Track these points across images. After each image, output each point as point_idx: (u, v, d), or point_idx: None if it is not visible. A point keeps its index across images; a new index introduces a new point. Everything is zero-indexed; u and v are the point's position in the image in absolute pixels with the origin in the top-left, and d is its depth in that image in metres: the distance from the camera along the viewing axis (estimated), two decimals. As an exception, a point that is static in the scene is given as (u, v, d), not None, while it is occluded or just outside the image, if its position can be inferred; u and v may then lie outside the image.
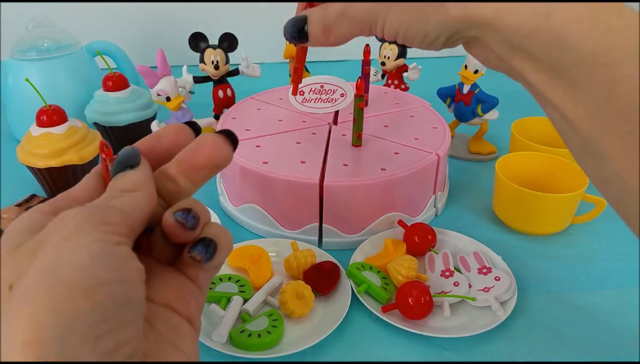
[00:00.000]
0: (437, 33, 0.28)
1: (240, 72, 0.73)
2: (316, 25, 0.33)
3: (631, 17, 0.23)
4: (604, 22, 0.23)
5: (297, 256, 0.47)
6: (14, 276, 0.18)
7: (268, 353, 0.40)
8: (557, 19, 0.24)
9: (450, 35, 0.28)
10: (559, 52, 0.24)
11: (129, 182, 0.22)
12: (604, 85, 0.23)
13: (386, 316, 0.43)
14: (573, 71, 0.24)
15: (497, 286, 0.45)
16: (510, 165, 0.58)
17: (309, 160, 0.54)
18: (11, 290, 0.18)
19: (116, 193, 0.21)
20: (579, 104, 0.25)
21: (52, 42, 0.74)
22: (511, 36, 0.25)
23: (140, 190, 0.21)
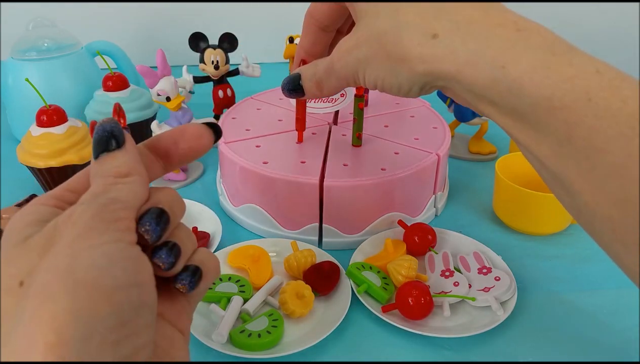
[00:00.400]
0: (409, 85, 0.31)
1: (240, 72, 0.73)
2: (309, 81, 0.38)
3: (581, 65, 0.25)
4: (555, 71, 0.25)
5: (297, 256, 0.47)
6: (24, 272, 0.17)
7: (268, 353, 0.40)
8: (512, 70, 0.26)
9: (422, 86, 0.31)
10: (517, 100, 0.26)
11: (122, 166, 0.21)
12: (562, 127, 0.25)
13: (386, 316, 0.43)
14: (532, 115, 0.26)
15: (497, 286, 0.45)
16: (510, 165, 0.58)
17: (309, 160, 0.54)
18: (22, 286, 0.17)
19: (111, 180, 0.20)
20: (542, 144, 0.26)
21: (52, 42, 0.74)
22: (472, 87, 0.27)
23: (134, 174, 0.21)
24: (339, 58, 0.34)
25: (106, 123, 0.21)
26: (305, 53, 0.41)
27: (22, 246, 0.18)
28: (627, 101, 0.23)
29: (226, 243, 0.52)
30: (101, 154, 0.21)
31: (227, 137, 0.59)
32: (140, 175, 0.21)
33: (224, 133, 0.59)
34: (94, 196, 0.20)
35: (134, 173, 0.21)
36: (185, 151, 0.24)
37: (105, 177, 0.21)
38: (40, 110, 0.57)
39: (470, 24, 0.27)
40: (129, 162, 0.21)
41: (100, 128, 0.21)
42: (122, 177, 0.20)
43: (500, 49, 0.26)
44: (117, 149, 0.21)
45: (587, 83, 0.24)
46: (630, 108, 0.23)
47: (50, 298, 0.16)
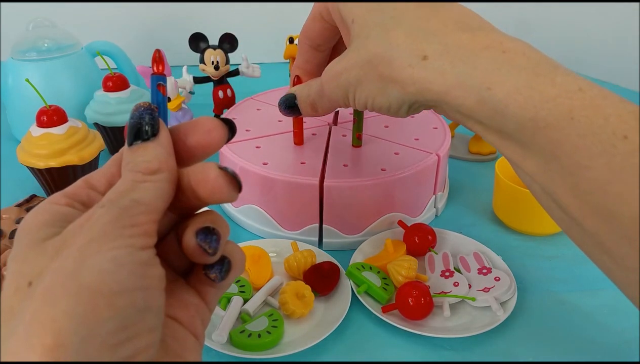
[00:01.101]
0: (398, 104, 0.32)
1: (240, 73, 0.73)
2: (304, 103, 0.40)
3: (564, 84, 0.26)
4: (539, 91, 0.26)
5: (297, 257, 0.47)
6: (35, 273, 0.18)
7: (268, 353, 0.40)
8: (498, 92, 0.27)
9: (411, 105, 0.32)
10: (502, 120, 0.27)
11: (152, 161, 0.20)
12: (547, 145, 0.26)
13: (386, 317, 0.43)
14: (518, 135, 0.27)
15: (497, 286, 0.45)
16: (511, 166, 0.57)
17: (309, 160, 0.54)
18: (30, 287, 0.17)
19: (139, 177, 0.20)
20: (529, 161, 0.28)
21: (52, 42, 0.74)
22: (460, 108, 0.29)
23: (163, 170, 0.20)
24: (327, 81, 0.35)
25: (142, 109, 0.21)
26: (300, 71, 0.42)
27: (39, 248, 0.18)
28: (609, 119, 0.24)
29: (226, 243, 0.52)
30: (134, 142, 0.21)
31: (227, 137, 0.59)
32: (169, 172, 0.21)
33: (224, 133, 0.59)
34: (118, 196, 0.19)
35: (163, 169, 0.20)
36: (194, 146, 0.22)
37: (133, 172, 0.20)
38: (41, 110, 0.57)
39: (459, 47, 0.29)
40: (161, 156, 0.20)
41: (136, 114, 0.21)
42: (151, 173, 0.20)
43: (487, 71, 0.27)
44: (150, 139, 0.20)
45: (570, 103, 0.25)
46: (612, 126, 0.24)
47: (52, 300, 0.16)
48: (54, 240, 0.19)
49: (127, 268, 0.18)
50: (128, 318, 0.17)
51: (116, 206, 0.19)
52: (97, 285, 0.17)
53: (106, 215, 0.18)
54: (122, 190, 0.20)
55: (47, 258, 0.18)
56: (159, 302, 0.19)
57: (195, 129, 0.22)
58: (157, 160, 0.20)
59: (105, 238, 0.18)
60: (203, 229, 0.21)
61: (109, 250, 0.17)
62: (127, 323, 0.17)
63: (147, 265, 0.19)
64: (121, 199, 0.19)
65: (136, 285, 0.18)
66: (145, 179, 0.20)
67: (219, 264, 0.22)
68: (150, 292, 0.18)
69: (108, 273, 0.17)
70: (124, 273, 0.17)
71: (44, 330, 0.16)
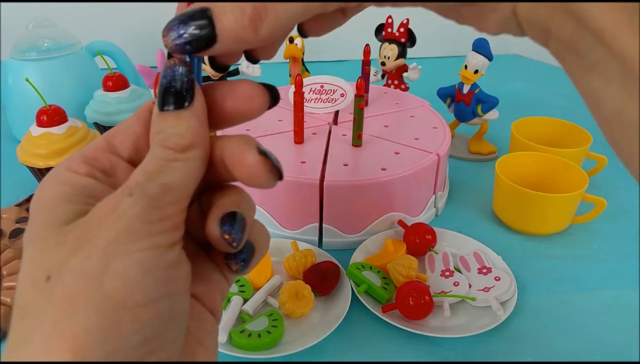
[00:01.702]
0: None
1: (240, 72, 0.73)
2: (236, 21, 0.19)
3: None
4: None
5: (297, 256, 0.47)
6: (54, 266, 0.16)
7: (268, 353, 0.40)
8: None
9: None
10: None
11: (185, 135, 0.18)
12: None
13: (386, 316, 0.43)
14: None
15: (497, 286, 0.45)
16: (510, 165, 0.58)
17: (309, 160, 0.54)
18: (49, 282, 0.16)
19: (170, 154, 0.18)
20: None
21: (52, 42, 0.74)
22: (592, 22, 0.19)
23: (196, 145, 0.18)
24: None
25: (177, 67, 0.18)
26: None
27: (56, 233, 0.17)
28: None
29: (226, 243, 0.52)
30: (166, 107, 0.18)
31: (227, 137, 0.59)
32: (202, 147, 0.18)
33: (224, 133, 0.59)
34: (147, 177, 0.17)
35: (196, 145, 0.18)
36: (232, 111, 0.20)
37: (164, 148, 0.18)
38: (40, 110, 0.57)
39: None
40: (194, 129, 0.18)
41: (169, 73, 0.18)
42: (183, 150, 0.18)
43: None
44: (184, 108, 0.18)
45: None
46: None
47: (73, 311, 0.15)
48: (75, 226, 0.17)
49: (154, 275, 0.16)
50: (153, 330, 0.16)
51: (145, 195, 0.17)
52: (121, 296, 0.16)
53: (134, 206, 0.17)
54: (150, 171, 0.17)
55: (67, 250, 0.16)
56: (184, 308, 0.18)
57: (235, 93, 0.20)
58: (190, 134, 0.18)
59: (132, 235, 0.16)
60: (228, 216, 0.19)
61: (136, 252, 0.16)
62: (152, 335, 0.16)
63: (174, 267, 0.17)
64: (150, 184, 0.17)
65: (162, 294, 0.17)
66: (176, 157, 0.18)
67: (241, 253, 0.20)
68: (175, 299, 0.17)
69: (134, 282, 0.16)
70: (150, 282, 0.16)
71: (64, 345, 0.15)
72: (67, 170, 0.18)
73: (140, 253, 0.16)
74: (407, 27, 0.72)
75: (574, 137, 0.65)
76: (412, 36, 0.72)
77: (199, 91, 0.19)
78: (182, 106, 0.18)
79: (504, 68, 0.88)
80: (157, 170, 0.18)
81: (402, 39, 0.73)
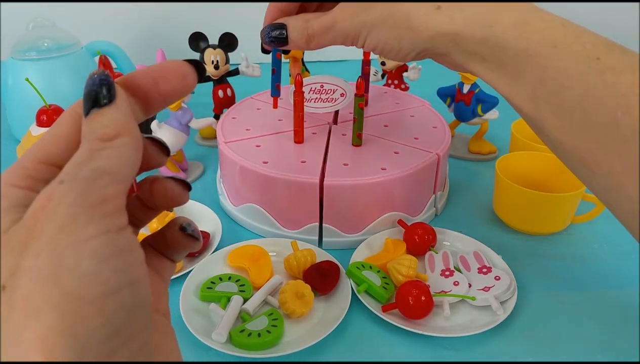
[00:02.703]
0: (408, 50, 0.36)
1: (240, 72, 0.73)
2: (298, 34, 0.40)
3: (550, 21, 0.32)
4: (531, 25, 0.31)
5: (297, 256, 0.47)
6: (6, 274, 0.16)
7: (268, 352, 0.40)
8: (498, 28, 0.32)
9: (420, 52, 0.36)
10: (501, 53, 0.32)
11: (110, 126, 0.18)
12: (536, 72, 0.31)
13: (386, 316, 0.43)
14: (512, 65, 0.32)
15: (497, 285, 0.45)
16: (510, 165, 0.58)
17: (309, 159, 0.54)
18: (5, 291, 0.16)
19: (97, 144, 0.18)
20: (520, 91, 0.33)
21: (52, 42, 0.74)
22: (466, 45, 0.34)
23: (124, 134, 0.19)
24: (343, 18, 0.37)
25: (96, 75, 0.19)
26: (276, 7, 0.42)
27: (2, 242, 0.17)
28: (585, 45, 0.30)
29: (226, 242, 0.52)
30: (91, 110, 0.19)
31: (227, 136, 0.59)
32: (131, 135, 0.19)
33: (224, 133, 0.59)
34: (77, 167, 0.17)
35: (124, 133, 0.19)
36: (168, 92, 0.21)
37: (91, 140, 0.18)
38: (40, 110, 0.57)
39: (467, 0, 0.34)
40: (119, 119, 0.19)
41: (90, 81, 0.19)
42: (111, 139, 0.18)
43: (489, 12, 0.33)
44: (107, 105, 0.19)
45: (554, 34, 0.31)
46: (587, 51, 0.29)
47: (35, 313, 0.15)
48: (17, 228, 0.17)
49: (109, 264, 0.16)
50: (119, 321, 0.16)
51: (78, 179, 0.17)
52: (80, 290, 0.15)
53: (69, 192, 0.16)
54: (80, 161, 0.18)
55: (14, 254, 0.16)
56: (146, 295, 0.18)
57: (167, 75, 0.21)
58: (115, 124, 0.19)
59: (75, 223, 0.16)
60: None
61: (86, 241, 0.16)
62: (119, 327, 0.16)
63: (128, 252, 0.17)
64: (81, 171, 0.17)
65: (121, 282, 0.16)
66: (104, 146, 0.18)
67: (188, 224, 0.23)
68: (137, 286, 0.17)
69: (90, 274, 0.15)
70: (107, 272, 0.16)
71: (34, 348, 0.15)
72: (9, 186, 0.18)
73: (90, 241, 0.16)
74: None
75: (574, 137, 0.65)
76: (412, 36, 0.72)
77: (119, 90, 0.20)
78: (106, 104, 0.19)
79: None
80: (87, 159, 0.18)
81: (402, 39, 0.72)
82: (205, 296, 0.45)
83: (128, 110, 0.20)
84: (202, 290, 0.45)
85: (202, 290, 0.45)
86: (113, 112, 0.19)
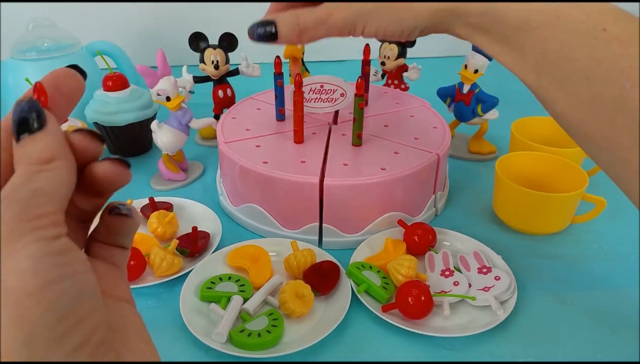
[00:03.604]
0: (410, 30, 0.35)
1: (240, 72, 0.73)
2: (288, 29, 0.39)
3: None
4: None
5: (297, 256, 0.47)
6: None
7: (268, 352, 0.40)
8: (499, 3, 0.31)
9: (422, 30, 0.35)
10: (503, 25, 0.32)
11: (44, 150, 0.19)
12: (537, 44, 0.30)
13: (386, 316, 0.43)
14: (515, 38, 0.32)
15: (497, 285, 0.45)
16: (510, 165, 0.58)
17: (309, 159, 0.54)
18: None
19: (34, 168, 0.18)
20: (523, 64, 0.32)
21: (52, 42, 0.74)
22: (469, 19, 0.33)
23: (58, 158, 0.19)
24: (338, 9, 0.36)
25: (24, 103, 0.20)
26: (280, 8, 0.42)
27: None
28: (590, 15, 0.29)
29: (226, 242, 0.52)
30: (22, 136, 0.19)
31: (227, 136, 0.59)
32: (65, 159, 0.19)
33: (225, 133, 0.59)
34: (14, 189, 0.18)
35: (58, 157, 0.19)
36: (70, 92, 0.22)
37: (27, 164, 0.19)
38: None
39: None
40: (52, 144, 0.19)
41: (18, 109, 0.19)
42: (45, 163, 0.19)
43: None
44: (39, 130, 0.19)
45: (556, 6, 0.30)
46: (592, 21, 0.28)
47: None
48: None
49: (46, 260, 0.17)
50: (63, 307, 0.17)
51: (16, 200, 0.18)
52: (20, 285, 0.16)
53: (7, 211, 0.17)
54: (17, 183, 0.18)
55: None
56: (91, 283, 0.19)
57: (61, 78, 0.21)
58: (48, 149, 0.19)
59: (13, 236, 0.17)
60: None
61: (22, 248, 0.17)
62: (65, 312, 0.17)
63: (66, 252, 0.18)
64: (19, 192, 0.18)
65: (60, 275, 0.17)
66: (40, 169, 0.19)
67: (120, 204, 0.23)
68: (78, 277, 0.18)
69: (28, 271, 0.16)
70: (43, 266, 0.17)
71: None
72: None
73: (27, 247, 0.17)
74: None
75: (574, 137, 0.65)
76: (412, 36, 0.72)
77: (51, 116, 0.20)
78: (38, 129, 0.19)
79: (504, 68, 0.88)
80: (24, 181, 0.18)
81: (402, 39, 0.72)
82: (205, 296, 0.45)
83: (60, 135, 0.20)
84: (202, 290, 0.45)
85: (202, 290, 0.45)
86: (45, 136, 0.19)
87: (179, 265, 0.48)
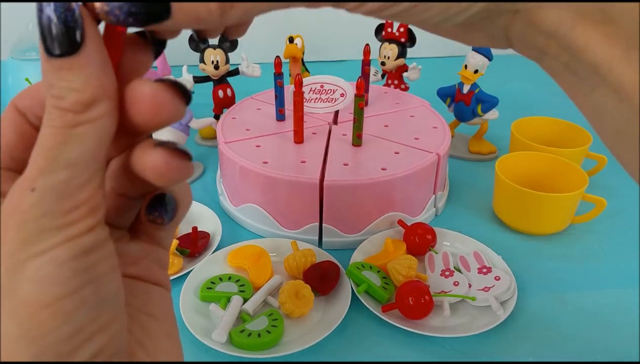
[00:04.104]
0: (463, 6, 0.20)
1: (240, 72, 0.73)
2: None
3: None
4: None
5: (297, 256, 0.47)
6: None
7: (268, 352, 0.40)
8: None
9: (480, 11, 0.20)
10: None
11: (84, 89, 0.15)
12: None
13: (386, 316, 0.43)
14: None
15: (497, 285, 0.45)
16: (510, 165, 0.58)
17: (309, 159, 0.54)
18: None
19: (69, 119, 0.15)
20: None
21: (52, 42, 0.74)
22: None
23: (101, 99, 0.15)
24: None
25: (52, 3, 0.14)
26: None
27: None
28: None
29: (226, 243, 0.52)
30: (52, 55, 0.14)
31: (227, 136, 0.59)
32: (108, 99, 0.15)
33: (225, 133, 0.59)
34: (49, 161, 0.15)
35: (101, 97, 0.15)
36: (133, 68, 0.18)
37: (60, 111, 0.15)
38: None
39: None
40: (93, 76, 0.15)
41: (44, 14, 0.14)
42: (85, 109, 0.15)
43: None
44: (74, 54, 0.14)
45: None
46: None
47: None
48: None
49: (70, 265, 0.15)
50: (81, 319, 0.15)
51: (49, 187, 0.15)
52: (38, 296, 0.15)
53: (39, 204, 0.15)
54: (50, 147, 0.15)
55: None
56: (113, 287, 0.16)
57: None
58: (89, 85, 0.15)
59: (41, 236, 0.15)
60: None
61: (48, 251, 0.15)
62: (81, 324, 0.15)
63: (93, 250, 0.16)
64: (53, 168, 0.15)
65: (83, 281, 0.15)
66: (78, 121, 0.15)
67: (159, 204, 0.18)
68: (100, 282, 0.16)
69: (48, 278, 0.15)
70: (66, 273, 0.15)
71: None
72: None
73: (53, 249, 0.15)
74: (407, 27, 0.72)
75: (574, 137, 0.65)
76: (412, 36, 0.72)
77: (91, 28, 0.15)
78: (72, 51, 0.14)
79: (504, 68, 0.88)
80: (58, 145, 0.15)
81: (402, 39, 0.72)
82: (205, 296, 0.45)
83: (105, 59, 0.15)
84: (202, 290, 0.45)
85: (202, 290, 0.45)
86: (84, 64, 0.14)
87: (178, 265, 0.48)
